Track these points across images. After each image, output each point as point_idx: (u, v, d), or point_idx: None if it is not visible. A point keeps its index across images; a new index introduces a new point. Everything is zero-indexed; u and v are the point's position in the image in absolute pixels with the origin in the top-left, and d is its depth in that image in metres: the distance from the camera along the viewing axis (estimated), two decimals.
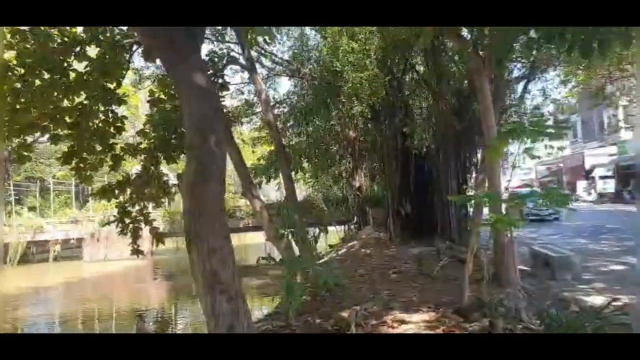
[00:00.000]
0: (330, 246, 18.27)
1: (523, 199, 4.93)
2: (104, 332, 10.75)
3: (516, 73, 15.15)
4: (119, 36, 8.16)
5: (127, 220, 9.65)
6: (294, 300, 6.91)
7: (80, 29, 8.10)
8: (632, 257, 9.33)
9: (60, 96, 7.87)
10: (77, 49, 7.88)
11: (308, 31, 17.91)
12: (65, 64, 7.78)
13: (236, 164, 9.75)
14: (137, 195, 10.23)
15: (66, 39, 7.96)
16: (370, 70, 11.88)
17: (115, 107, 8.78)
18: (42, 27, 7.76)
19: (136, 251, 9.92)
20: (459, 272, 8.59)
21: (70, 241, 28.53)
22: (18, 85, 7.62)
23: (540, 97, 16.14)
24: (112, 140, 8.79)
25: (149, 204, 10.43)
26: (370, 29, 11.83)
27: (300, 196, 23.72)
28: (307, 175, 19.03)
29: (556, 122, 18.13)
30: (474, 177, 13.43)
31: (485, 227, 5.72)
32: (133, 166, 15.55)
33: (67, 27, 7.99)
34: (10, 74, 7.61)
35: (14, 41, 7.70)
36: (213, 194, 3.28)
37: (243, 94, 18.09)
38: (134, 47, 8.53)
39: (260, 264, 8.84)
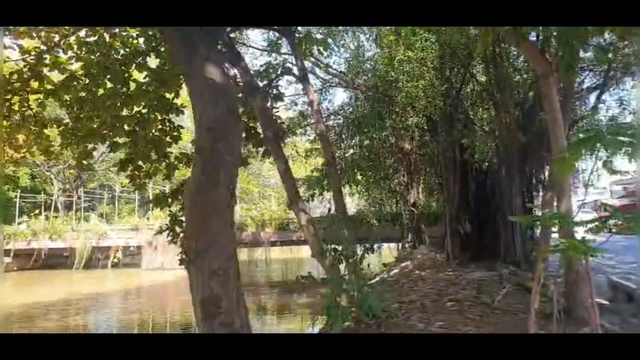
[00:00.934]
0: (384, 265, 17.46)
1: (602, 223, 4.07)
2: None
3: (587, 83, 13.83)
4: None
5: (178, 229, 9.69)
6: (335, 325, 6.34)
7: (142, 40, 8.20)
8: None
9: (120, 105, 8.04)
10: (138, 59, 8.02)
11: (364, 42, 17.51)
12: (126, 74, 7.92)
13: (282, 175, 9.38)
14: None
15: (127, 50, 8.09)
16: (426, 79, 11.18)
17: (172, 116, 8.89)
18: (107, 39, 7.93)
19: (184, 261, 9.83)
20: (523, 302, 7.62)
21: (130, 248, 29.64)
22: (83, 94, 7.85)
23: (617, 107, 14.43)
24: (168, 149, 8.87)
25: None
26: (428, 37, 11.17)
27: (351, 211, 23.16)
28: (360, 189, 18.40)
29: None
30: (540, 196, 12.25)
31: (555, 253, 4.86)
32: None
33: (129, 39, 8.14)
34: (75, 83, 7.83)
35: (80, 52, 7.90)
36: (219, 204, 2.84)
37: (297, 105, 17.88)
38: None
39: (301, 282, 8.34)
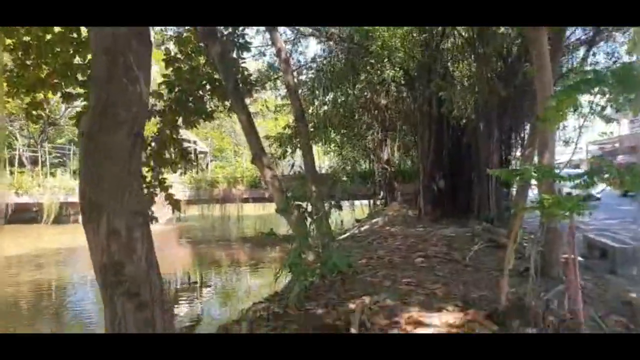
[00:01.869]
0: (357, 221, 17.22)
1: (592, 176, 3.63)
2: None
3: (575, 38, 13.29)
4: None
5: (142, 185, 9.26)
6: (298, 283, 5.92)
7: None
8: None
9: (72, 53, 7.28)
10: None
11: None
12: None
13: (245, 128, 8.73)
14: (152, 159, 9.77)
15: None
16: (404, 29, 10.45)
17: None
18: None
19: (150, 218, 9.37)
20: (495, 259, 7.35)
21: None
22: (27, 39, 7.14)
23: (608, 61, 13.72)
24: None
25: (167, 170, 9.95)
26: None
27: (325, 170, 22.70)
28: (333, 147, 17.84)
29: None
30: (519, 152, 11.93)
31: (535, 210, 4.44)
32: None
33: None
34: (19, 27, 7.02)
35: None
36: (119, 149, 2.24)
37: (265, 55, 16.86)
38: None
39: (270, 237, 7.88)
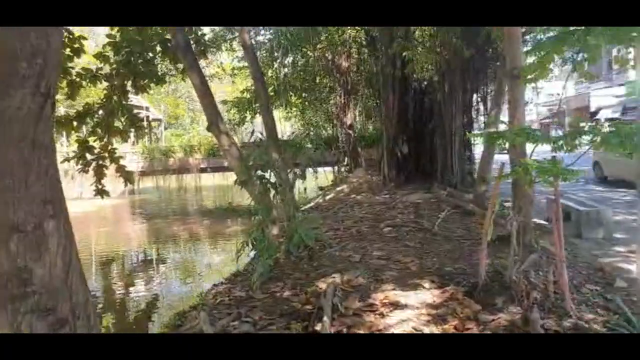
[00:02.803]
0: (321, 189, 16.86)
1: (573, 138, 3.36)
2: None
3: None
4: None
5: (89, 157, 8.44)
6: (262, 263, 5.52)
7: None
8: None
9: None
10: None
11: None
12: None
13: (199, 92, 8.05)
14: (100, 128, 8.95)
15: None
16: None
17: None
18: None
19: (100, 191, 8.71)
20: (463, 227, 7.20)
21: None
22: None
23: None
24: (68, 64, 7.67)
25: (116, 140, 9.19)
26: None
27: (286, 136, 22.07)
28: (294, 112, 17.23)
29: None
30: (483, 114, 11.79)
31: (514, 176, 4.19)
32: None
33: None
34: None
35: None
36: (22, 112, 1.70)
37: None
38: None
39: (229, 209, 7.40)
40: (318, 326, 3.54)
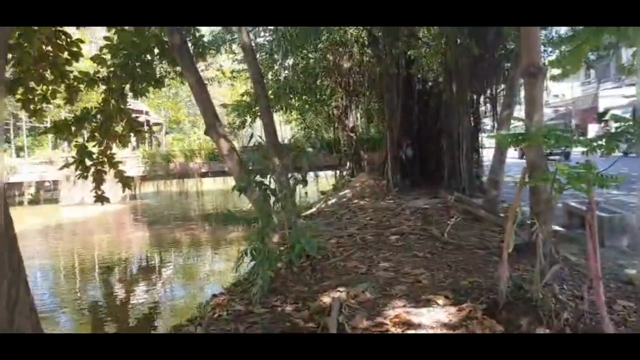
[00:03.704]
0: (322, 193, 16.47)
1: (613, 139, 2.98)
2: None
3: None
4: None
5: (89, 162, 8.37)
6: (262, 275, 5.13)
7: None
8: None
9: None
10: None
11: None
12: None
13: (196, 95, 7.74)
14: (99, 133, 8.72)
15: None
16: None
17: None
18: None
19: (100, 198, 8.57)
20: (475, 234, 6.79)
21: (46, 183, 26.86)
22: None
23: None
24: (67, 68, 7.51)
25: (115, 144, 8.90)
26: None
27: (287, 139, 21.71)
28: (295, 115, 16.87)
29: None
30: (491, 116, 11.40)
31: (546, 182, 3.80)
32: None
33: None
34: None
35: None
36: None
37: None
38: None
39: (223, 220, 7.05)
40: None
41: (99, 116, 8.60)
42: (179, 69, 9.40)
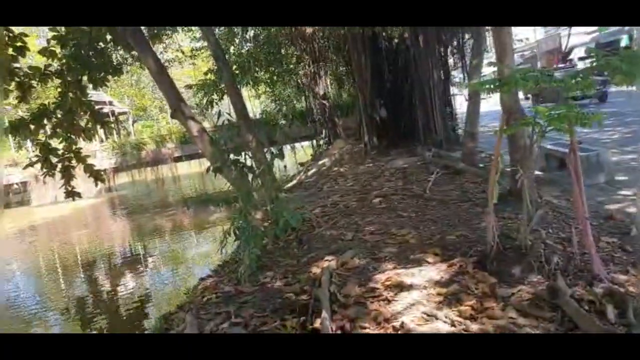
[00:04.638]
0: (301, 165, 16.32)
1: (588, 75, 2.90)
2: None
3: None
4: None
5: (54, 159, 8.13)
6: (248, 253, 5.04)
7: None
8: None
9: None
10: None
11: None
12: None
13: (156, 77, 7.42)
14: (61, 129, 8.41)
15: None
16: None
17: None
18: None
19: (71, 193, 8.33)
20: (457, 188, 6.81)
21: (14, 186, 25.94)
22: None
23: None
24: (15, 65, 7.26)
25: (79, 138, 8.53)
26: None
27: (258, 114, 21.31)
28: (263, 87, 16.47)
29: None
30: (462, 67, 11.30)
31: (521, 128, 3.74)
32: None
33: None
34: None
35: None
36: None
37: None
38: None
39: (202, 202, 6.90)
40: (317, 322, 3.10)
41: (58, 111, 8.26)
42: (135, 53, 9.02)
